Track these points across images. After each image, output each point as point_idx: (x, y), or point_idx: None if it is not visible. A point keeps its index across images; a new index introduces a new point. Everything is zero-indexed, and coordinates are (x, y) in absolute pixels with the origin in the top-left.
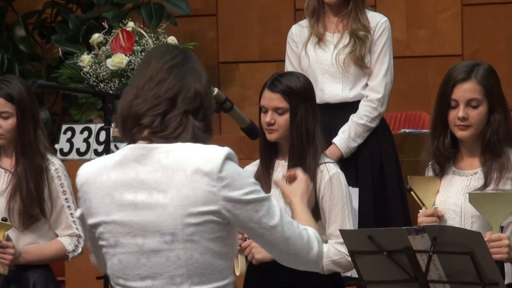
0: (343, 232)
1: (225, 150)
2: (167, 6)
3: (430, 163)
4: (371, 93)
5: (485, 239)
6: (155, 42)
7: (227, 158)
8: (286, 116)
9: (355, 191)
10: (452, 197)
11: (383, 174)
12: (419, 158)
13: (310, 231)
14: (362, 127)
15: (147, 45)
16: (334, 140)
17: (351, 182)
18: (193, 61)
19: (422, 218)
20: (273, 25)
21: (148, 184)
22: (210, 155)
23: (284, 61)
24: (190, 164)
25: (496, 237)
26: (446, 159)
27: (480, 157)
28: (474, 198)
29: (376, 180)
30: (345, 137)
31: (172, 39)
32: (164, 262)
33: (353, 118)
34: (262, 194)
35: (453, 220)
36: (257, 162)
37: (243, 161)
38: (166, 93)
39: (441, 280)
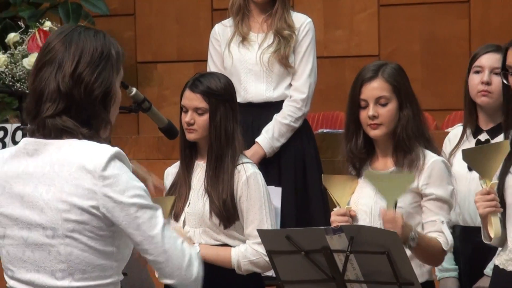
0: (261, 232)
1: (113, 149)
2: (84, 5)
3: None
4: (295, 93)
5: (381, 216)
6: None
7: (114, 157)
8: (206, 117)
9: (277, 191)
10: (364, 197)
11: (306, 174)
12: (337, 158)
13: (194, 252)
14: (285, 127)
15: None
16: (257, 140)
17: (274, 181)
18: (60, 53)
19: (334, 217)
20: (191, 25)
21: (35, 178)
22: (96, 153)
23: (202, 61)
24: (76, 161)
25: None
26: (360, 160)
27: (392, 156)
28: (370, 175)
29: (298, 180)
30: (269, 137)
31: None
32: (46, 256)
33: (277, 117)
34: (147, 201)
35: (363, 221)
36: (178, 163)
37: (161, 161)
38: (34, 91)
39: (358, 280)
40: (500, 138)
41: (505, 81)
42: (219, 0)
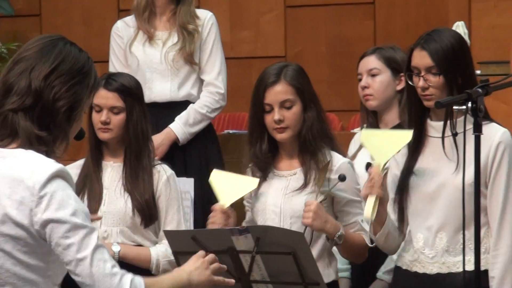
0: (167, 233)
1: (56, 167)
2: None
3: (249, 165)
4: (211, 87)
5: (370, 176)
6: None
7: (56, 175)
8: (122, 116)
9: (190, 181)
10: (271, 197)
11: (209, 174)
12: (243, 158)
13: (126, 278)
14: (201, 116)
15: None
16: (171, 126)
17: (180, 174)
18: (32, 50)
19: (214, 213)
20: (97, 26)
21: None
22: (38, 170)
23: (108, 62)
24: (16, 175)
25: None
26: (265, 163)
27: (298, 157)
28: (366, 133)
29: (202, 181)
30: (182, 122)
31: None
32: None
33: (194, 106)
34: (81, 221)
35: (272, 221)
36: (79, 163)
37: (67, 162)
38: (5, 83)
39: (263, 280)
40: None
41: (410, 82)
42: (125, 1)
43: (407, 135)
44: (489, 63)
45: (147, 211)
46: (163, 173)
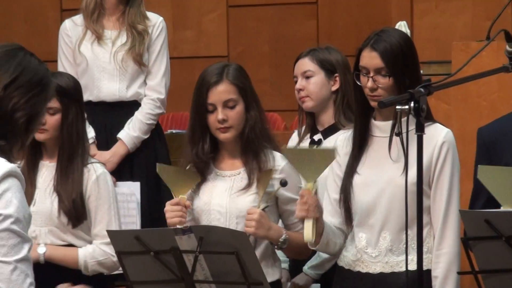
0: (110, 233)
1: (9, 166)
2: None
3: (188, 165)
4: (152, 92)
5: (303, 199)
6: None
7: (10, 174)
8: (57, 116)
9: (136, 185)
10: (216, 198)
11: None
12: (181, 158)
13: None
14: (146, 126)
15: None
16: (120, 136)
17: (126, 178)
18: (2, 61)
19: (168, 207)
20: (39, 25)
21: None
22: None
23: (51, 61)
24: None
25: (305, 193)
26: (206, 164)
27: (241, 157)
28: (288, 152)
29: (150, 181)
30: (131, 133)
31: None
32: None
33: (138, 116)
34: (19, 228)
35: (217, 221)
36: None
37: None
38: None
39: (207, 280)
40: (333, 137)
41: (357, 82)
42: (68, 0)
43: (330, 153)
44: (431, 63)
45: (73, 212)
46: (92, 172)
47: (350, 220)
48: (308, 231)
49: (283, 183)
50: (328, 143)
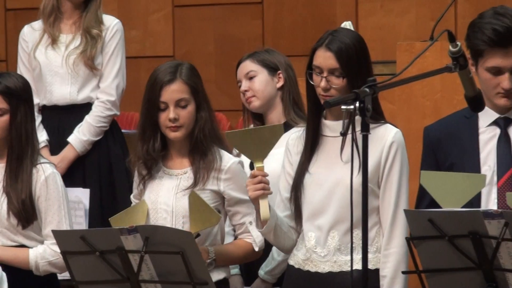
0: (56, 233)
1: None
2: None
3: (138, 163)
4: (103, 95)
5: (257, 178)
6: None
7: None
8: (6, 117)
9: (85, 192)
10: (163, 196)
11: (112, 173)
12: (130, 156)
13: None
14: (95, 129)
15: None
16: (69, 140)
17: (78, 182)
18: None
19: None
20: None
21: None
22: None
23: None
24: None
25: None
26: (155, 161)
27: (189, 157)
28: (231, 136)
29: (104, 181)
30: (80, 136)
31: None
32: None
33: (88, 119)
34: None
35: (164, 220)
36: None
37: None
38: None
39: (152, 280)
40: (285, 136)
41: (310, 81)
42: (12, 0)
43: (277, 129)
44: (376, 63)
45: (23, 213)
46: (41, 173)
47: (300, 218)
48: (265, 210)
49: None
50: (280, 141)
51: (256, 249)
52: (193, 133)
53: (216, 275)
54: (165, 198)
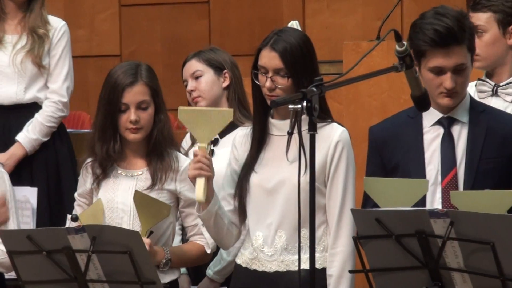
0: (2, 232)
1: None
2: None
3: (86, 162)
4: (54, 95)
5: (197, 158)
6: None
7: None
8: None
9: (33, 191)
10: (120, 196)
11: (59, 173)
12: (80, 158)
13: None
14: (46, 128)
15: None
16: (18, 138)
17: (26, 181)
18: None
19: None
20: None
21: None
22: None
23: None
24: None
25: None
26: (112, 162)
27: (146, 158)
28: (183, 113)
29: (51, 180)
30: (30, 135)
31: None
32: None
33: (38, 118)
34: None
35: (121, 219)
36: None
37: None
38: None
39: (100, 280)
40: (231, 135)
41: (255, 81)
42: None
43: (227, 113)
44: (323, 63)
45: None
46: None
47: (243, 216)
48: (199, 190)
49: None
50: (226, 141)
51: (208, 251)
52: (151, 135)
53: (171, 275)
54: (122, 198)
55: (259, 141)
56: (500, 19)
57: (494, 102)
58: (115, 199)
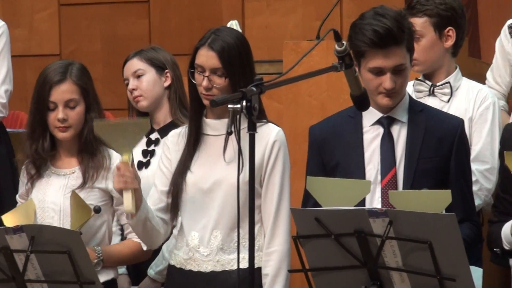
0: None
1: None
2: None
3: (25, 162)
4: None
5: (120, 171)
6: None
7: None
8: None
9: None
10: (50, 195)
11: None
12: (18, 155)
13: None
14: None
15: None
16: None
17: None
18: None
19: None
20: None
21: None
22: None
23: None
24: None
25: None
26: (44, 161)
27: (77, 156)
28: (99, 126)
29: None
30: None
31: None
32: None
33: None
34: None
35: (52, 219)
36: None
37: None
38: None
39: (38, 280)
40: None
41: (192, 80)
42: None
43: (144, 123)
44: (263, 62)
45: None
46: None
47: (176, 214)
48: (128, 202)
49: (97, 210)
50: None
51: (145, 248)
52: (82, 134)
53: (105, 276)
54: (53, 197)
55: (195, 141)
56: (435, 23)
57: (431, 102)
58: (46, 198)
